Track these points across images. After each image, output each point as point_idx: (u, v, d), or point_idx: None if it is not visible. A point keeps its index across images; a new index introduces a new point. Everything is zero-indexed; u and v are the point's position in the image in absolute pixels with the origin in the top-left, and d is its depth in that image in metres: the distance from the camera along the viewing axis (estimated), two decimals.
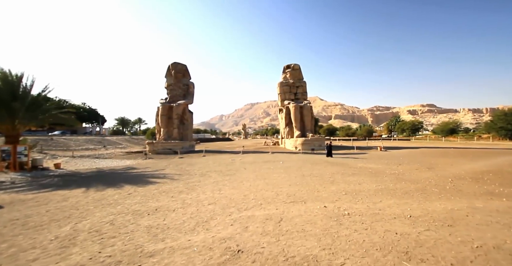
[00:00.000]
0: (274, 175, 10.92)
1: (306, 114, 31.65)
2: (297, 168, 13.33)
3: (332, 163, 15.44)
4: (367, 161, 16.49)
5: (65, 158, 20.11)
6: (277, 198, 6.80)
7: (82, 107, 64.15)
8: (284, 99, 34.22)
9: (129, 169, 14.35)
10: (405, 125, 64.04)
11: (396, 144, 35.52)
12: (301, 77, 35.22)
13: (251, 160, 18.29)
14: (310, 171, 12.11)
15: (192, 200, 6.79)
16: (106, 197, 7.40)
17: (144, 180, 10.40)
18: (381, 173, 11.23)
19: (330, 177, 10.06)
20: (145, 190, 8.27)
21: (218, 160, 18.44)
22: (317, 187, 8.08)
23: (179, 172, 12.56)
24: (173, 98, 31.54)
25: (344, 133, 78.26)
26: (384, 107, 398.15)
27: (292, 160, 17.32)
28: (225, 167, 14.22)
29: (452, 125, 50.94)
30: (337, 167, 13.49)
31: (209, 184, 9.25)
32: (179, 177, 11.07)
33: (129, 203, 6.52)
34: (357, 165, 14.23)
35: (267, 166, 14.30)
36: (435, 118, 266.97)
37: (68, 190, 8.65)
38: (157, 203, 6.52)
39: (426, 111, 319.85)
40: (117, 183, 9.76)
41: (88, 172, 13.73)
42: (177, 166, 15.18)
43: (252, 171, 12.44)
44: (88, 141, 32.41)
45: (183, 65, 32.57)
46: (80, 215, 5.62)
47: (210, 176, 11.15)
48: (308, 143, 28.32)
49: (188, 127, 32.01)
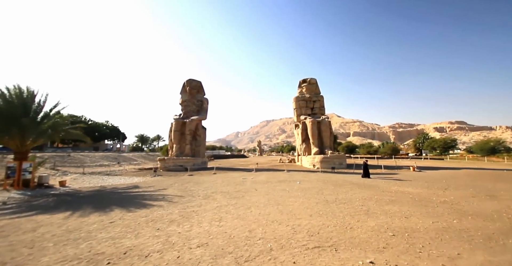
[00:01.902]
0: (290, 200, 9.00)
1: (324, 130, 29.53)
2: (318, 190, 11.25)
3: (359, 185, 13.09)
4: (402, 183, 13.88)
5: (76, 175, 19.75)
6: (294, 238, 4.91)
7: (105, 125, 67.46)
8: (300, 114, 32.62)
9: (131, 188, 13.21)
10: (436, 143, 58.14)
11: (430, 164, 31.47)
12: (318, 91, 33.80)
13: (264, 179, 16.41)
14: (334, 195, 9.99)
15: (179, 236, 5.15)
16: (83, 226, 6.04)
17: (139, 203, 9.03)
18: (427, 200, 8.83)
19: (361, 205, 7.92)
20: (133, 217, 6.82)
21: (228, 179, 16.80)
22: (349, 221, 6.04)
23: (181, 193, 11.09)
24: (187, 114, 31.41)
25: (365, 151, 73.27)
26: (407, 124, 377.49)
27: (311, 180, 15.16)
28: (234, 188, 12.52)
29: (493, 143, 45.01)
30: (367, 190, 11.18)
31: (210, 210, 7.60)
32: (179, 199, 9.57)
33: (100, 239, 5.04)
34: (391, 189, 11.80)
35: (281, 187, 12.37)
36: (467, 136, 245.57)
37: (50, 214, 7.47)
38: (133, 240, 4.95)
39: (455, 129, 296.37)
40: (109, 206, 8.47)
41: (89, 190, 12.79)
42: (182, 185, 13.77)
43: (264, 193, 10.61)
44: (104, 158, 32.74)
45: (197, 82, 32.92)
46: (22, 260, 4.09)
47: (214, 199, 9.51)
48: (327, 161, 25.85)
49: (200, 143, 31.22)
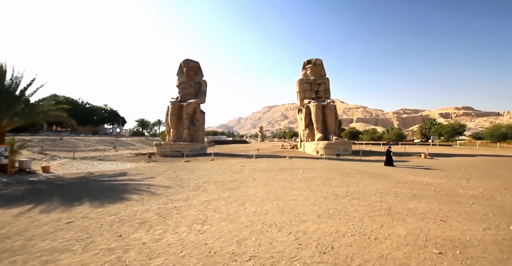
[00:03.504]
0: (292, 193, 7.68)
1: (329, 115, 27.74)
2: (324, 181, 9.92)
3: (369, 174, 11.72)
4: (416, 172, 12.49)
5: (65, 159, 18.70)
6: (298, 257, 3.46)
7: (104, 109, 66.00)
8: (303, 98, 30.63)
9: (118, 176, 12.03)
10: (444, 129, 56.00)
11: (440, 150, 29.96)
12: (323, 73, 31.40)
13: (264, 166, 15.14)
14: (344, 187, 8.64)
15: (141, 251, 3.72)
16: (31, 228, 4.75)
17: (116, 194, 7.80)
18: (455, 194, 7.44)
19: (380, 201, 6.55)
20: (99, 216, 5.55)
21: (225, 166, 15.56)
22: (370, 226, 4.62)
23: (170, 182, 9.85)
24: (184, 97, 29.62)
25: (369, 137, 71.54)
26: (412, 110, 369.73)
27: (315, 168, 13.86)
28: (230, 177, 11.26)
29: (505, 128, 42.92)
30: (381, 181, 9.82)
31: (196, 206, 6.31)
32: (165, 190, 8.32)
33: (34, 253, 3.67)
34: (406, 179, 10.43)
35: (283, 177, 11.07)
36: (473, 122, 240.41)
37: (6, 208, 6.26)
38: (75, 257, 3.55)
39: (461, 114, 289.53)
40: (80, 198, 7.25)
41: (72, 177, 11.66)
42: (174, 173, 12.56)
43: (263, 184, 9.31)
44: (100, 142, 31.73)
45: (195, 62, 30.65)
46: None
47: (205, 190, 8.25)
48: (331, 147, 24.44)
49: (199, 127, 29.82)
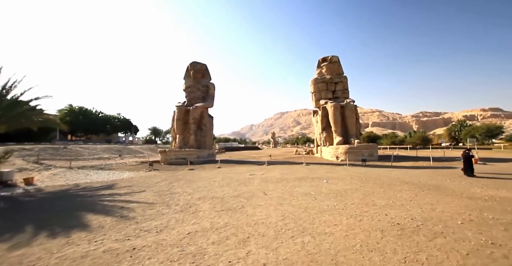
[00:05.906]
0: (323, 219, 5.11)
1: (349, 116, 24.73)
2: (363, 196, 7.21)
3: (420, 186, 8.79)
4: (478, 182, 9.35)
5: (61, 169, 17.29)
6: None
7: (117, 118, 66.90)
8: (319, 99, 27.90)
9: (102, 189, 10.02)
10: (477, 131, 50.17)
11: (485, 155, 25.60)
12: (340, 71, 28.67)
13: (278, 175, 12.55)
14: (398, 207, 5.91)
15: None
16: None
17: (73, 220, 5.66)
18: None
19: (480, 239, 3.85)
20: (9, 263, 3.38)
21: (231, 175, 13.17)
22: None
23: (156, 198, 7.60)
24: (191, 101, 28.05)
25: (389, 141, 66.54)
26: (432, 113, 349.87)
27: (342, 177, 11.08)
28: (234, 189, 8.84)
29: None
30: (444, 197, 6.94)
31: (167, 246, 3.93)
32: (142, 212, 6.05)
33: None
34: (474, 192, 7.46)
35: (303, 189, 8.47)
36: (503, 124, 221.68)
37: None
38: None
39: (489, 116, 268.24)
40: (25, 225, 5.21)
41: (51, 191, 9.84)
42: (169, 185, 10.36)
43: (277, 202, 6.80)
44: (106, 150, 30.82)
45: (202, 65, 29.24)
46: None
47: (195, 212, 5.89)
48: (354, 152, 21.36)
49: (206, 133, 27.95)
